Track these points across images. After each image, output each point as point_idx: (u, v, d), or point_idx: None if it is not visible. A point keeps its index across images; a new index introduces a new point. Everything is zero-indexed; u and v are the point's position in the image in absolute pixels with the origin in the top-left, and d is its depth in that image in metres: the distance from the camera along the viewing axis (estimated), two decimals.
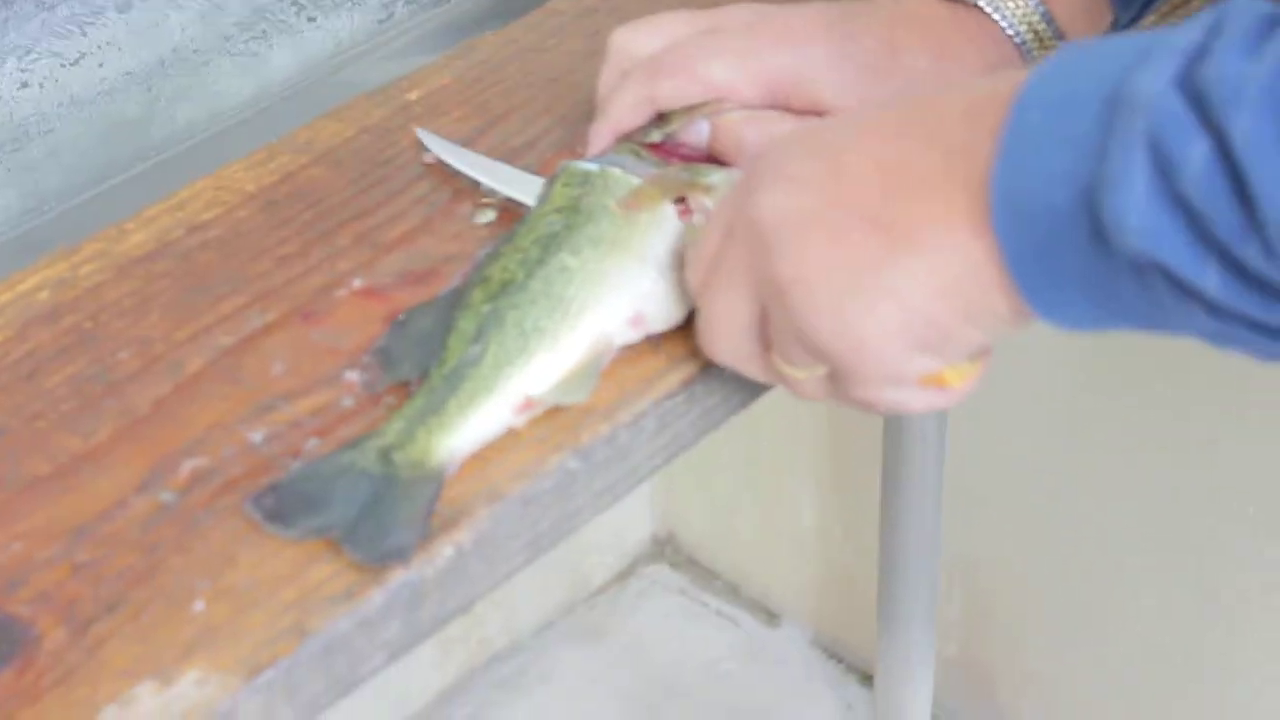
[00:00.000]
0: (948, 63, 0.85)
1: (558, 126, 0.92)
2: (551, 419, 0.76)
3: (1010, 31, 0.86)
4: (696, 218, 0.79)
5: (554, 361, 0.75)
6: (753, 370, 0.75)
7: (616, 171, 0.81)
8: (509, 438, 0.75)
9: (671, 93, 0.85)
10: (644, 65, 0.85)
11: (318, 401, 0.77)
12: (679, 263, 0.78)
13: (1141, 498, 1.56)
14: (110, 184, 1.37)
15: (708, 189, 0.80)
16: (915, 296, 0.67)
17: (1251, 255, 0.59)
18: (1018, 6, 0.86)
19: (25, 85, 1.31)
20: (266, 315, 0.82)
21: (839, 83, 0.83)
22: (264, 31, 1.43)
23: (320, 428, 0.76)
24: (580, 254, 0.78)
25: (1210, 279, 0.60)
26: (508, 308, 0.76)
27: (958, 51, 0.85)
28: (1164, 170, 0.59)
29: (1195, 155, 0.58)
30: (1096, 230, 0.61)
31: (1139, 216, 0.60)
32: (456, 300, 0.78)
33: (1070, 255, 0.63)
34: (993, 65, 0.86)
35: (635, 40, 0.87)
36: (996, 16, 0.86)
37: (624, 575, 1.97)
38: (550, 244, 0.78)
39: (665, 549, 1.99)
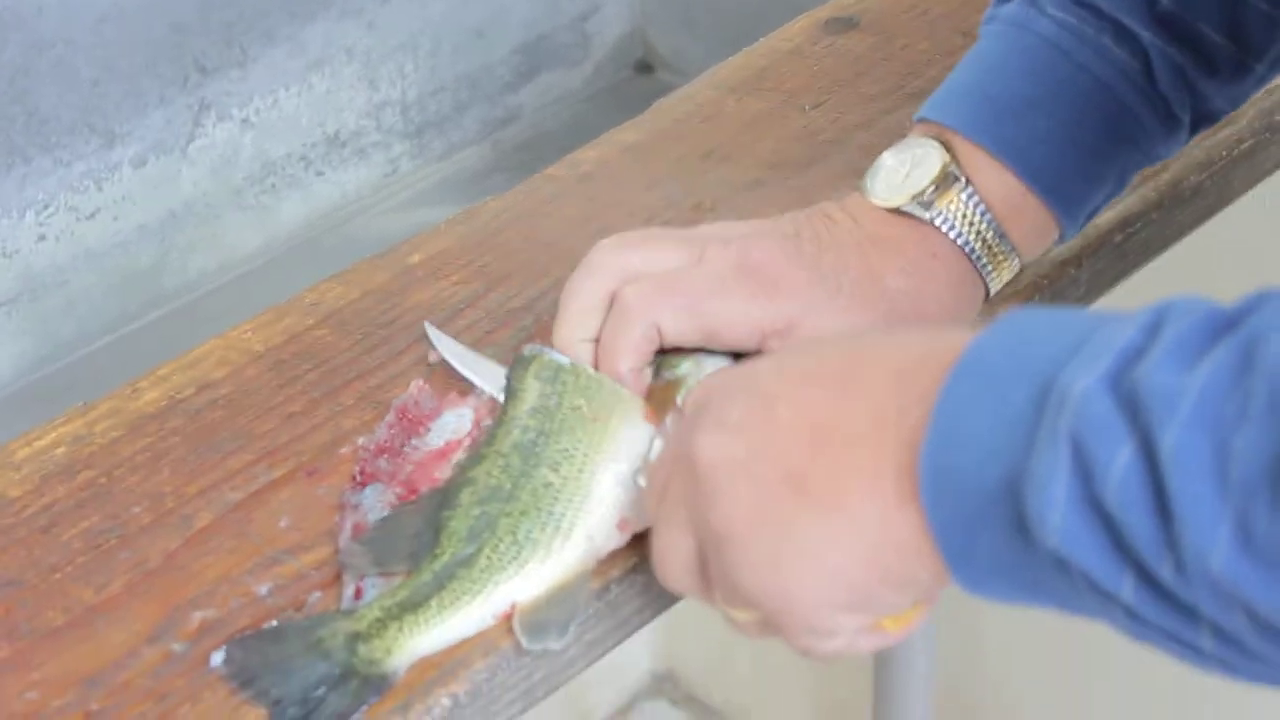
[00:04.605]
0: (922, 280, 0.85)
1: (554, 289, 0.94)
2: None
3: (960, 242, 0.86)
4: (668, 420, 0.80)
5: (545, 572, 0.77)
6: (703, 602, 0.74)
7: (589, 370, 0.82)
8: None
9: (674, 328, 0.83)
10: (647, 297, 0.83)
11: (321, 555, 0.81)
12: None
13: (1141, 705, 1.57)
14: (123, 333, 1.41)
15: (679, 382, 0.82)
16: (836, 559, 0.66)
17: (1165, 571, 0.57)
18: (965, 217, 0.85)
19: (42, 239, 1.35)
20: (273, 471, 0.85)
21: (832, 319, 0.83)
22: (273, 185, 1.48)
23: (323, 581, 0.79)
24: (560, 470, 0.79)
25: (1126, 589, 0.58)
26: (499, 514, 0.77)
27: (928, 268, 0.86)
28: (1085, 472, 0.57)
29: (1118, 461, 0.57)
30: (1019, 519, 0.60)
31: (1059, 516, 0.58)
32: (443, 501, 0.79)
33: (993, 537, 0.61)
34: (958, 279, 0.86)
35: (622, 256, 0.85)
36: (946, 229, 0.86)
37: (624, 711, 1.99)
38: (529, 455, 0.79)
39: (664, 685, 2.01)
